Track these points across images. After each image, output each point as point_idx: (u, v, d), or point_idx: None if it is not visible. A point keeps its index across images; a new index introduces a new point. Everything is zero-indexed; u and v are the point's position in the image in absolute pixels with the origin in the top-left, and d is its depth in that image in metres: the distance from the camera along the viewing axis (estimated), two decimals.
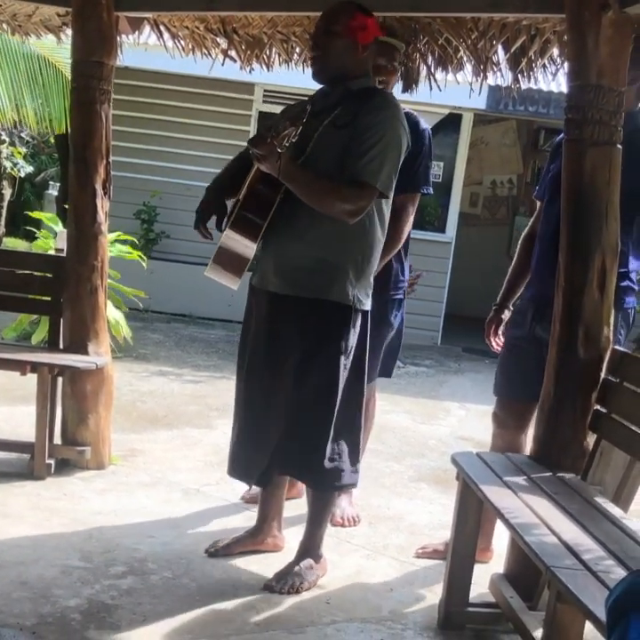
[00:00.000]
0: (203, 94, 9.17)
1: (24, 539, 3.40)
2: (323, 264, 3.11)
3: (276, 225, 3.07)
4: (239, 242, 3.10)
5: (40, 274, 4.47)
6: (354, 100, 3.10)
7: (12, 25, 4.68)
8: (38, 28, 4.70)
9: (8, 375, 4.45)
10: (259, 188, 3.07)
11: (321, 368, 3.13)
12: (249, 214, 3.07)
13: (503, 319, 3.62)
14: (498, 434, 3.52)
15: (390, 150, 3.06)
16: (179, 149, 9.30)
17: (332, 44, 3.09)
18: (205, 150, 8.85)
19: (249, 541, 3.48)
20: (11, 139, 14.13)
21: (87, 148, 4.14)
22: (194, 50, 4.63)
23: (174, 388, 6.21)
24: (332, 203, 3.03)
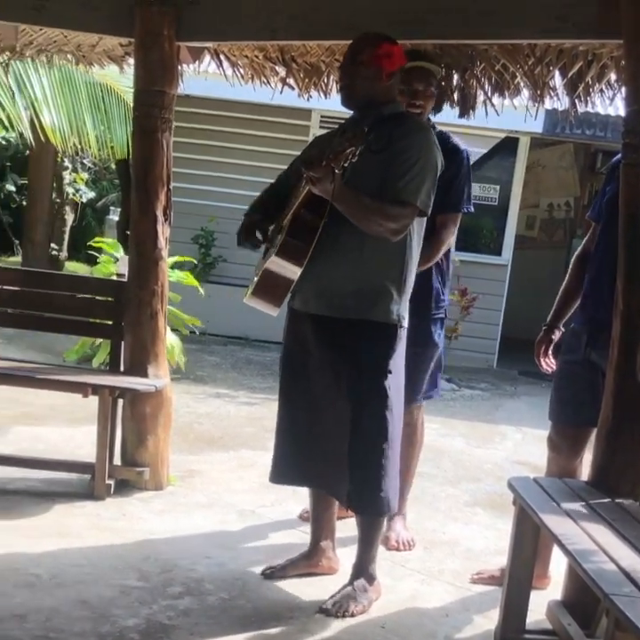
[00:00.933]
0: (260, 120, 9.30)
1: (84, 558, 3.46)
2: (366, 285, 3.17)
3: (319, 249, 3.12)
4: (285, 267, 3.15)
5: (102, 298, 4.57)
6: (386, 125, 3.18)
7: (77, 55, 4.82)
8: (101, 58, 4.83)
9: (70, 397, 4.52)
10: (303, 214, 3.13)
11: (370, 389, 3.16)
12: (295, 240, 3.12)
13: (553, 339, 3.60)
14: (552, 459, 3.49)
15: (427, 170, 3.15)
16: (236, 175, 9.42)
17: (358, 72, 3.20)
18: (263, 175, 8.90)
19: (304, 564, 3.49)
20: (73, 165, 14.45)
21: (148, 175, 4.22)
22: (253, 78, 4.72)
23: (230, 409, 6.27)
24: (379, 222, 3.09)
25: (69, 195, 14.34)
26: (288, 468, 3.42)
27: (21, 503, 3.96)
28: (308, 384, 3.29)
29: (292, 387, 3.37)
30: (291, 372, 3.37)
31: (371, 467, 3.17)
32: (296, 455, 3.38)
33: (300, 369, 3.32)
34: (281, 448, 3.43)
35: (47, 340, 7.41)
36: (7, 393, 5.27)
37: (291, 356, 3.37)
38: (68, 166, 14.00)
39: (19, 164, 16.05)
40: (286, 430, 3.40)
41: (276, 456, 3.45)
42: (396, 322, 3.19)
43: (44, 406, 5.50)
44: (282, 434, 3.43)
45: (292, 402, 3.37)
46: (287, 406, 3.40)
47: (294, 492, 4.29)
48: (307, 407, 3.31)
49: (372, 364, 3.16)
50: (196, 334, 7.34)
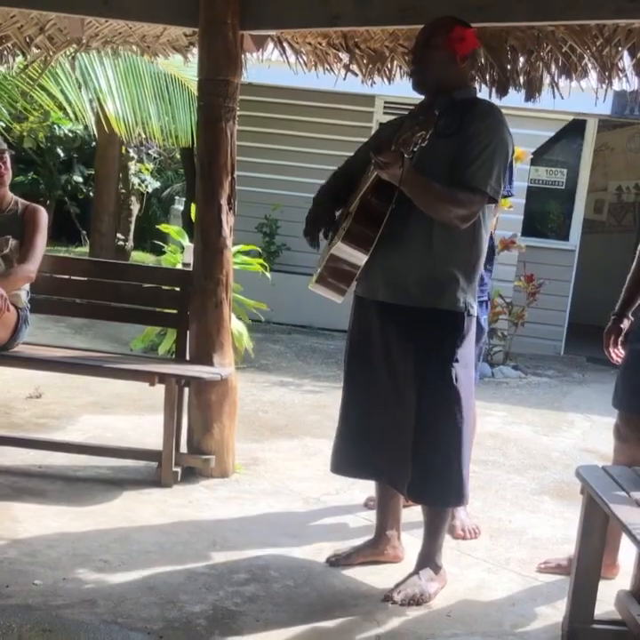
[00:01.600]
0: (324, 108, 9.29)
1: (151, 544, 3.50)
2: (433, 273, 3.13)
3: (384, 234, 3.09)
4: (350, 254, 3.13)
5: (168, 287, 4.62)
6: (457, 110, 3.12)
7: (142, 46, 4.86)
8: (166, 48, 4.86)
9: (137, 385, 4.60)
10: (370, 200, 3.09)
11: (436, 379, 3.13)
12: (361, 226, 3.10)
13: (622, 329, 3.53)
14: (619, 448, 3.43)
15: (498, 156, 3.09)
16: (300, 162, 9.43)
17: (431, 56, 3.16)
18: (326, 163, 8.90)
19: (369, 552, 3.49)
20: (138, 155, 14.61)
21: (213, 164, 4.24)
22: (316, 65, 4.70)
23: (295, 398, 6.29)
24: (448, 208, 3.04)
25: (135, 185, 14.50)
26: (348, 458, 3.40)
27: (91, 490, 4.03)
28: (373, 373, 3.27)
29: (356, 375, 3.35)
30: (356, 361, 3.35)
31: (436, 457, 3.15)
32: (357, 446, 3.36)
33: (366, 358, 3.30)
34: (343, 438, 3.42)
35: (114, 330, 7.54)
36: (76, 382, 5.40)
37: (356, 344, 3.36)
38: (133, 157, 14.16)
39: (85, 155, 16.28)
40: (349, 420, 3.39)
41: (336, 446, 3.45)
42: (463, 310, 3.15)
43: (112, 395, 5.59)
44: (344, 423, 3.42)
45: (356, 391, 3.35)
46: (351, 395, 3.39)
47: (358, 480, 4.28)
48: (371, 396, 3.29)
49: (438, 353, 3.13)
50: (260, 322, 7.39)
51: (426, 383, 3.13)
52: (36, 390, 5.46)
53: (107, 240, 12.76)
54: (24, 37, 4.79)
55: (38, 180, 15.93)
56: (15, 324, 4.14)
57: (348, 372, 3.41)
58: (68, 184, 16.32)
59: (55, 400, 5.43)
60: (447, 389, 3.12)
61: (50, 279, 4.49)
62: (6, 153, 4.27)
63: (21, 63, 5.54)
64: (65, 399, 5.46)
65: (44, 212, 4.35)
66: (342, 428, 3.43)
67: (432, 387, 3.13)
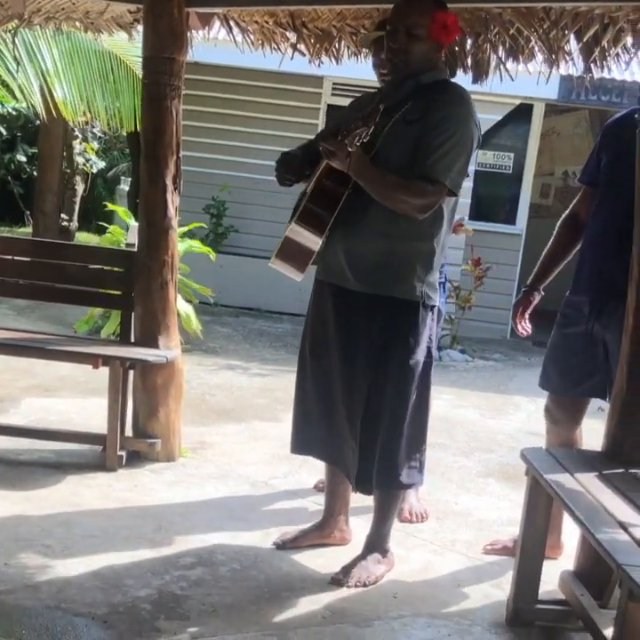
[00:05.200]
0: (271, 88, 9.22)
1: (96, 529, 3.46)
2: (390, 260, 3.10)
3: (343, 219, 3.06)
4: (304, 235, 3.09)
5: (112, 268, 4.55)
6: (424, 95, 3.06)
7: (85, 22, 4.77)
8: (110, 25, 4.77)
9: (80, 368, 4.54)
10: (327, 182, 3.06)
11: (392, 366, 3.12)
12: (316, 208, 3.07)
13: (532, 301, 3.56)
14: (552, 430, 3.47)
15: (461, 147, 3.04)
16: (247, 143, 9.37)
17: (413, 47, 3.06)
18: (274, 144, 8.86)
19: (316, 534, 3.49)
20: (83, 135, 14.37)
21: (158, 143, 4.17)
22: (263, 44, 4.65)
23: (242, 381, 6.26)
24: (402, 199, 3.00)
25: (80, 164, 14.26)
26: (307, 439, 3.40)
27: (33, 474, 3.97)
28: (327, 356, 3.25)
29: (311, 358, 3.33)
30: (311, 343, 3.33)
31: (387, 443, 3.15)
32: (313, 428, 3.36)
33: (321, 341, 3.27)
34: (299, 419, 3.41)
35: (58, 312, 7.43)
36: (18, 364, 5.30)
37: (312, 327, 3.33)
38: (77, 136, 13.92)
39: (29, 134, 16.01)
40: (304, 402, 3.38)
41: (295, 427, 3.43)
42: (419, 299, 3.12)
43: (56, 378, 5.51)
44: (299, 406, 3.41)
45: (311, 373, 3.33)
46: (306, 378, 3.36)
47: (306, 464, 4.28)
48: (325, 380, 3.27)
49: (392, 342, 3.12)
50: (208, 305, 7.34)
51: (379, 370, 3.13)
52: None
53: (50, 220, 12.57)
54: None
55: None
56: None
57: (302, 353, 3.39)
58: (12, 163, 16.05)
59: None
60: (404, 377, 3.12)
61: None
62: None
63: None
64: (7, 382, 5.36)
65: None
66: (297, 411, 3.42)
67: (386, 374, 3.12)
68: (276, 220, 7.28)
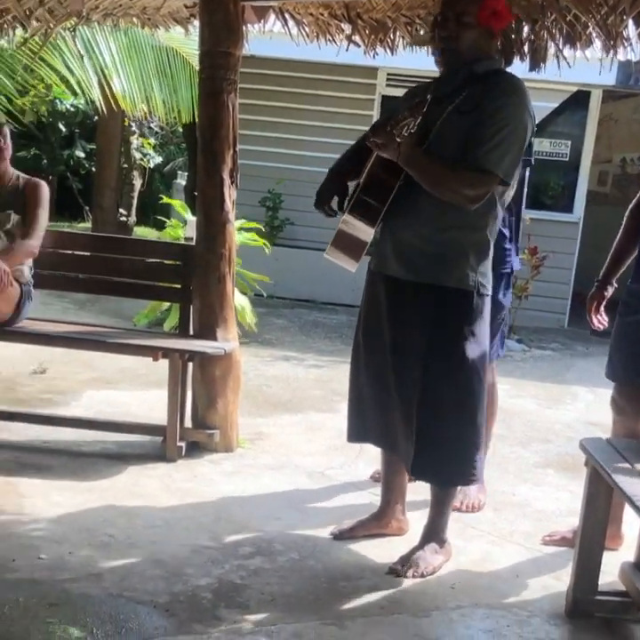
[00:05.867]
0: (326, 80, 9.22)
1: (157, 519, 3.52)
2: (443, 250, 3.10)
3: (396, 210, 3.07)
4: (357, 226, 3.11)
5: (170, 262, 4.60)
6: (479, 85, 3.04)
7: (142, 18, 4.83)
8: (167, 20, 4.83)
9: (140, 360, 4.61)
10: (378, 173, 3.07)
11: (442, 357, 3.11)
12: (368, 199, 3.08)
13: (605, 295, 3.52)
14: (618, 420, 3.43)
15: (514, 137, 3.01)
16: (303, 136, 9.38)
17: (464, 35, 3.04)
18: (329, 136, 8.89)
19: (373, 525, 3.50)
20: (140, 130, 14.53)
21: (215, 138, 4.21)
22: (318, 36, 4.67)
23: (298, 372, 6.29)
24: (453, 189, 3.00)
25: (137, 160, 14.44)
26: (363, 427, 3.41)
27: (96, 465, 4.04)
28: (380, 346, 3.25)
29: (364, 348, 3.34)
30: (364, 333, 3.34)
31: (442, 437, 3.14)
32: (369, 416, 3.37)
33: (374, 331, 3.29)
34: (354, 408, 3.43)
35: (117, 305, 7.53)
36: (79, 357, 5.40)
37: (365, 317, 3.35)
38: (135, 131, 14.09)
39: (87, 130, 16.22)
40: (358, 392, 3.40)
41: (350, 416, 3.45)
42: (472, 289, 3.11)
43: (116, 370, 5.59)
44: (354, 395, 3.42)
45: (364, 363, 3.35)
46: (359, 367, 3.38)
47: (362, 454, 4.30)
48: (378, 370, 3.28)
49: (445, 331, 3.11)
50: (263, 297, 7.38)
51: (432, 360, 3.12)
52: (41, 366, 5.46)
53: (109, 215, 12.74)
54: (24, 10, 4.74)
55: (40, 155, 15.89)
56: (18, 300, 4.13)
57: (356, 343, 3.40)
58: (70, 159, 16.27)
59: (59, 375, 5.44)
60: (454, 367, 3.11)
61: (53, 254, 4.47)
62: (5, 127, 4.25)
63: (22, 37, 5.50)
64: (69, 374, 5.46)
65: (46, 186, 4.33)
66: (351, 400, 3.44)
67: (438, 364, 3.11)
68: None
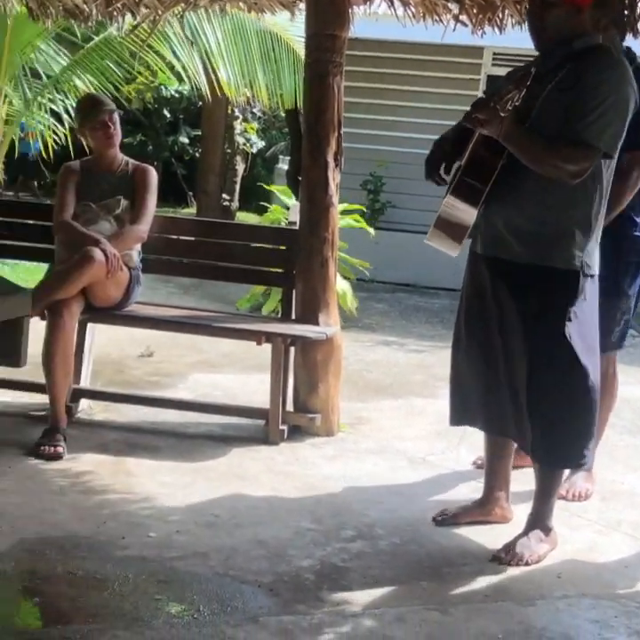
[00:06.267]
0: (431, 61, 9.15)
1: (260, 500, 3.56)
2: (547, 229, 3.06)
3: (499, 190, 3.03)
4: (460, 208, 3.08)
5: (274, 246, 4.63)
6: (578, 61, 3.01)
7: (248, 3, 4.86)
8: (273, 4, 4.84)
9: (242, 344, 4.68)
10: (480, 154, 3.05)
11: (549, 338, 3.06)
12: (470, 180, 3.06)
13: None
14: None
15: (616, 110, 2.96)
16: (406, 118, 9.32)
17: (549, 14, 3.03)
18: (432, 117, 8.78)
19: (476, 511, 3.47)
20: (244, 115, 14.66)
21: (320, 121, 4.22)
22: (424, 17, 4.61)
23: (399, 357, 6.26)
24: (554, 164, 2.96)
25: (240, 145, 14.57)
26: (466, 410, 3.39)
27: (201, 447, 4.11)
28: (484, 328, 3.23)
29: (467, 330, 3.31)
30: (467, 315, 3.32)
31: (550, 418, 3.09)
32: (472, 400, 3.35)
33: (477, 312, 3.26)
34: (456, 391, 3.40)
35: (220, 290, 7.63)
36: (184, 341, 5.50)
37: (468, 299, 3.32)
38: (238, 116, 14.21)
39: (191, 116, 16.46)
40: (459, 375, 3.37)
41: (453, 399, 3.43)
42: (578, 268, 3.06)
43: (219, 354, 5.67)
44: (455, 378, 3.40)
45: (466, 345, 3.32)
46: (461, 350, 3.35)
47: (464, 440, 4.26)
48: (484, 352, 3.25)
49: (550, 312, 3.06)
50: (364, 282, 7.37)
51: (538, 341, 3.07)
52: (148, 349, 5.58)
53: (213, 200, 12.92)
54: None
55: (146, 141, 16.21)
56: (128, 284, 4.22)
57: (458, 325, 3.38)
58: (175, 145, 16.55)
59: (166, 359, 5.55)
60: (561, 348, 3.05)
61: (159, 239, 4.53)
62: (115, 113, 4.33)
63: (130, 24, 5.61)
64: (175, 358, 5.57)
65: (154, 172, 4.40)
66: (453, 384, 3.41)
67: (544, 345, 3.07)
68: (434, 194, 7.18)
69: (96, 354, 4.65)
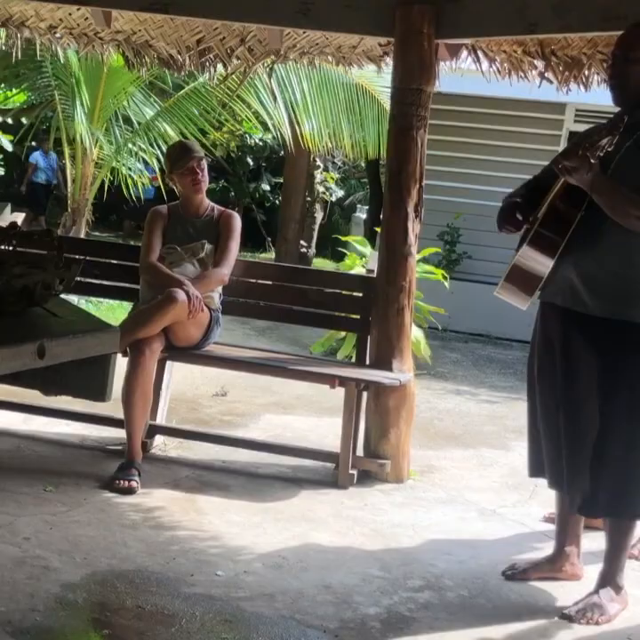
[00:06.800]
0: (511, 115, 9.20)
1: (328, 544, 3.57)
2: (625, 282, 3.04)
3: (576, 241, 3.04)
4: (535, 259, 3.10)
5: (350, 293, 4.69)
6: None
7: (337, 56, 4.99)
8: (360, 58, 4.95)
9: (314, 387, 4.73)
10: (559, 205, 3.07)
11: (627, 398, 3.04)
12: (547, 231, 3.07)
13: None
14: None
15: None
16: (485, 171, 9.36)
17: (632, 71, 3.05)
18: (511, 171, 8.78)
19: (547, 567, 3.42)
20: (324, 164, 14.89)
21: (402, 172, 4.28)
22: (510, 73, 4.66)
23: (471, 407, 6.24)
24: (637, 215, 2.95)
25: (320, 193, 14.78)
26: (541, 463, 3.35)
27: (271, 487, 4.15)
28: (555, 380, 3.20)
29: (538, 382, 3.30)
30: (538, 367, 3.31)
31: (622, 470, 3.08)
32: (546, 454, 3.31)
33: (548, 365, 3.24)
34: (533, 444, 3.39)
35: (294, 333, 7.72)
36: (258, 382, 5.57)
37: (539, 350, 3.31)
38: (319, 165, 14.43)
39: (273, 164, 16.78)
40: (534, 427, 3.35)
41: (530, 451, 3.41)
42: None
43: (292, 396, 5.73)
44: (531, 430, 3.38)
45: (539, 397, 3.30)
46: (534, 402, 3.34)
47: (536, 494, 4.23)
48: (552, 404, 3.22)
49: (626, 367, 3.05)
50: (437, 330, 7.37)
51: (612, 396, 3.06)
52: (222, 389, 5.67)
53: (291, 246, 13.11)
54: (225, 49, 5.00)
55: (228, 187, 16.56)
56: (208, 325, 4.30)
57: (530, 377, 3.37)
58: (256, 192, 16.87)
59: (239, 399, 5.62)
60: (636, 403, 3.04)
61: (239, 282, 4.62)
62: (203, 160, 4.45)
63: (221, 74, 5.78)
64: (248, 398, 5.64)
65: (239, 218, 4.50)
66: (529, 436, 3.40)
67: (618, 400, 3.05)
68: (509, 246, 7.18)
69: (171, 391, 4.73)
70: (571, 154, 2.97)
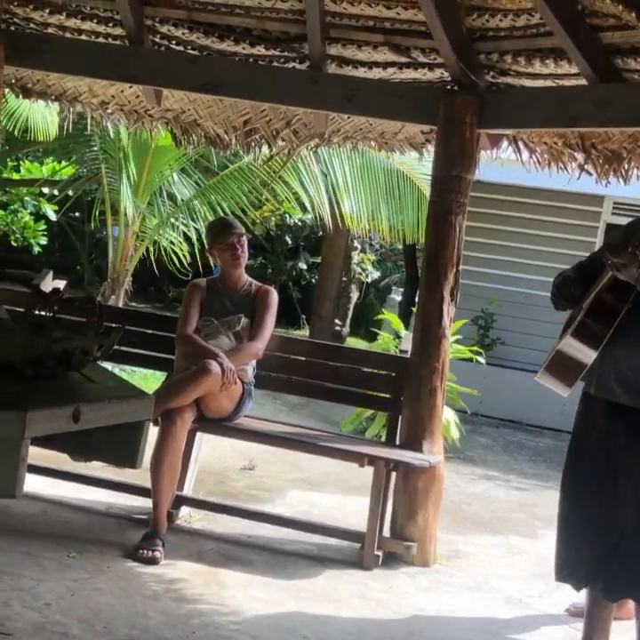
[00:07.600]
0: (549, 206, 9.29)
1: (350, 625, 3.54)
2: None
3: (621, 333, 3.06)
4: (579, 349, 3.12)
5: (383, 372, 4.72)
6: None
7: (379, 142, 5.09)
8: (403, 144, 5.05)
9: (343, 465, 4.71)
10: (605, 298, 3.10)
11: None
12: (593, 322, 3.10)
13: None
14: None
15: None
16: (522, 259, 9.44)
17: None
18: (547, 260, 8.87)
19: None
20: (362, 246, 15.10)
21: (439, 257, 4.35)
22: (550, 164, 4.73)
23: (500, 493, 6.18)
24: None
25: (356, 274, 14.94)
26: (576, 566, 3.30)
27: (295, 564, 4.13)
28: (595, 473, 3.19)
29: (577, 474, 3.28)
30: (578, 458, 3.29)
31: None
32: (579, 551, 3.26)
33: (589, 456, 3.23)
34: (567, 543, 3.32)
35: (325, 410, 7.72)
36: (286, 457, 5.56)
37: (578, 442, 3.30)
38: (357, 247, 14.63)
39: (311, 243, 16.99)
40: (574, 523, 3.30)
41: (560, 552, 3.34)
42: None
43: (320, 473, 5.71)
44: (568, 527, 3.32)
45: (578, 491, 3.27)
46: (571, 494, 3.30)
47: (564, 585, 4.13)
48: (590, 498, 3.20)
49: None
50: (467, 414, 7.35)
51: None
52: (250, 462, 5.67)
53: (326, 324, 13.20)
54: (271, 130, 5.13)
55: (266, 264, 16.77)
56: (240, 398, 4.33)
57: (568, 467, 3.34)
58: (293, 270, 17.06)
59: (267, 473, 5.62)
60: None
61: (272, 357, 4.65)
62: (244, 237, 4.54)
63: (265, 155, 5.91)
64: (276, 473, 5.63)
65: (276, 294, 4.56)
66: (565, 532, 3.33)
67: None
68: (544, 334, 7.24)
69: (199, 463, 4.74)
70: (621, 251, 3.02)
